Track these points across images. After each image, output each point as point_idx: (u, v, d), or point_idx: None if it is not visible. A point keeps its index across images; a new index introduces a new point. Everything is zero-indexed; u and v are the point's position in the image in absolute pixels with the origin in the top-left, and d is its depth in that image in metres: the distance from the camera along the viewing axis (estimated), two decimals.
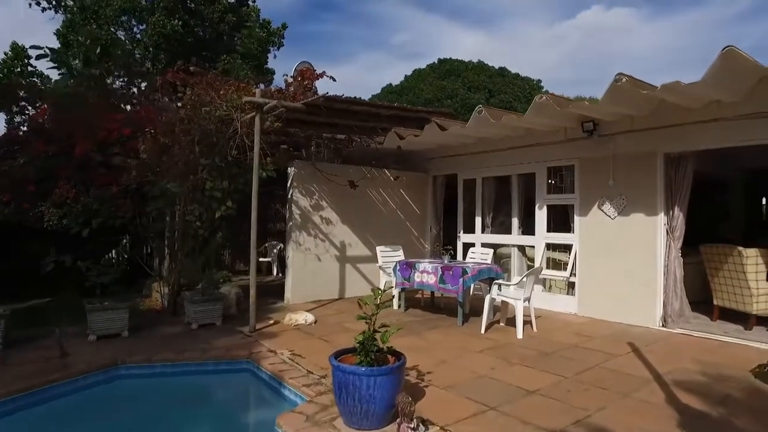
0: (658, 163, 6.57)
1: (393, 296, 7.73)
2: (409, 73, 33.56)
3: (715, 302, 6.95)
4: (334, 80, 8.53)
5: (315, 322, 6.69)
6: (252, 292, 6.37)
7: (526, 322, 6.38)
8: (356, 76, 62.94)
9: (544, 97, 6.15)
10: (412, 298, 8.21)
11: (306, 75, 8.55)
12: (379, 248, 8.41)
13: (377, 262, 8.29)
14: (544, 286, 8.04)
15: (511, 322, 6.32)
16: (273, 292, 8.83)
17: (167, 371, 5.03)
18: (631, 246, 6.78)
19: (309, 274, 8.48)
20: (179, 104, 7.83)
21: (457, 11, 72.50)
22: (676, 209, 6.41)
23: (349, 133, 9.03)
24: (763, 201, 12.04)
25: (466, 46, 66.43)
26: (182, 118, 7.00)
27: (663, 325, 6.48)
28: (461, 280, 6.43)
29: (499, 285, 6.36)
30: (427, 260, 7.60)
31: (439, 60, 33.49)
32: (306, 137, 8.80)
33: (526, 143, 8.17)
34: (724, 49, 4.64)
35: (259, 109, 6.44)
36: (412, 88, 31.38)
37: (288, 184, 8.57)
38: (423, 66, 33.45)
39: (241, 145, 7.06)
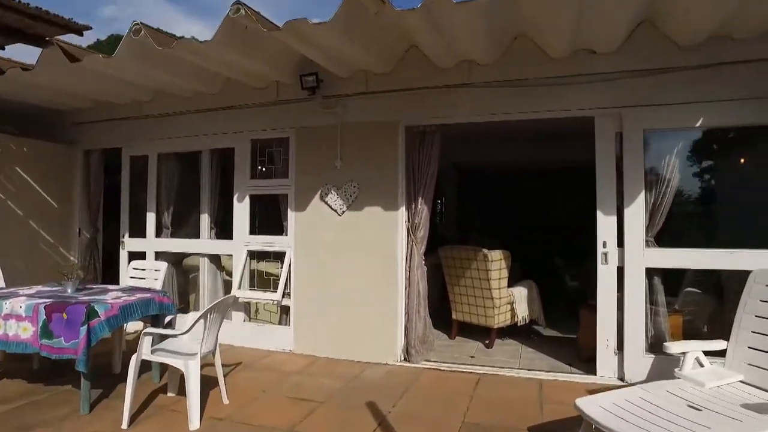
0: (399, 139, 4.83)
1: None
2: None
3: (454, 316, 5.69)
4: None
5: None
6: None
7: (212, 384, 3.78)
8: None
9: (242, 11, 3.63)
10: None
11: None
12: None
13: None
14: (248, 314, 5.57)
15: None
16: None
17: None
18: (364, 252, 4.89)
19: None
20: None
21: None
22: (420, 201, 4.78)
23: None
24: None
25: (183, 29, 60.11)
26: None
27: (406, 359, 4.77)
28: (84, 328, 3.36)
29: (155, 335, 3.54)
30: (33, 290, 4.15)
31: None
32: None
33: (223, 104, 5.55)
34: None
35: None
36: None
37: None
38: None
39: None
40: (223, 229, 5.81)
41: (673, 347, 3.17)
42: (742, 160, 4.59)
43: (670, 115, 4.02)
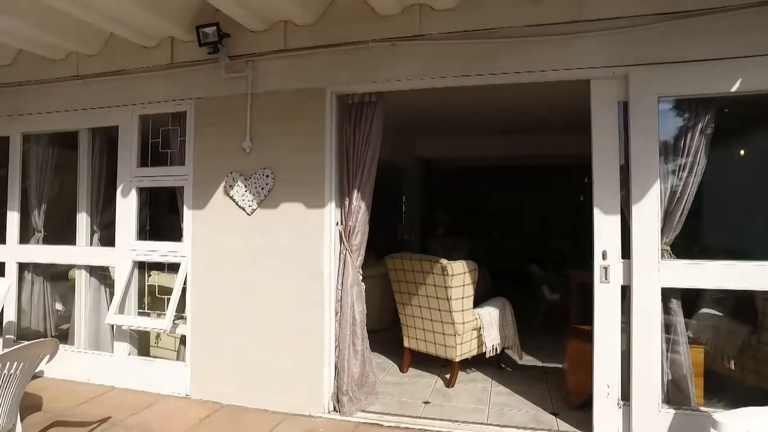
0: (327, 112, 3.59)
1: None
2: None
3: (405, 344, 4.47)
4: None
5: None
6: None
7: None
8: None
9: None
10: None
11: None
12: None
13: None
14: (138, 344, 4.24)
15: None
16: None
17: None
18: (281, 264, 3.62)
19: None
20: None
21: None
22: (356, 196, 3.55)
23: None
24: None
25: None
26: None
27: (336, 409, 3.53)
28: None
29: None
30: None
31: None
32: None
33: (105, 69, 4.20)
34: None
35: None
36: None
37: None
38: None
39: None
40: (110, 231, 4.46)
41: (730, 425, 2.01)
42: None
43: (694, 76, 2.90)
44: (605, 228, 3.06)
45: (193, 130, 3.93)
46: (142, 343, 4.36)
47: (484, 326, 4.07)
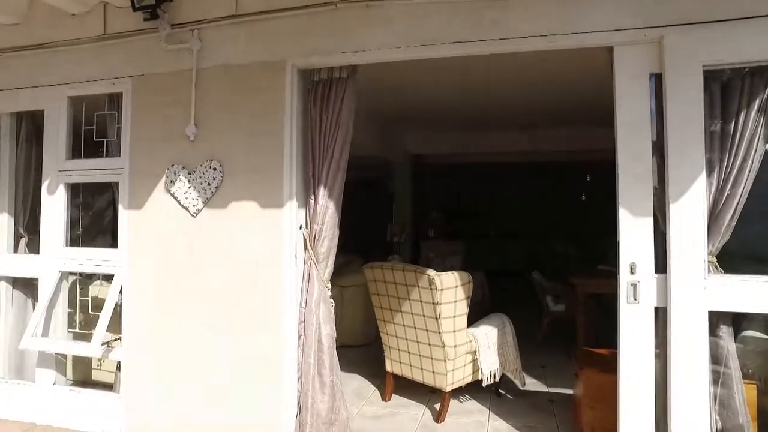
0: (287, 91, 2.92)
1: None
2: None
3: (388, 368, 3.81)
4: None
5: None
6: None
7: None
8: None
9: None
10: None
11: None
12: None
13: None
14: (64, 372, 3.56)
15: None
16: None
17: None
18: (230, 277, 2.96)
19: None
20: None
21: None
22: (323, 193, 2.88)
23: None
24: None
25: None
26: None
27: None
28: None
29: None
30: None
31: None
32: None
33: (27, 41, 3.52)
34: None
35: None
36: None
37: None
38: None
39: None
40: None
41: None
42: None
43: (752, 38, 2.25)
44: (634, 234, 2.40)
45: (130, 114, 3.25)
46: (82, 368, 3.70)
47: (480, 349, 3.41)
